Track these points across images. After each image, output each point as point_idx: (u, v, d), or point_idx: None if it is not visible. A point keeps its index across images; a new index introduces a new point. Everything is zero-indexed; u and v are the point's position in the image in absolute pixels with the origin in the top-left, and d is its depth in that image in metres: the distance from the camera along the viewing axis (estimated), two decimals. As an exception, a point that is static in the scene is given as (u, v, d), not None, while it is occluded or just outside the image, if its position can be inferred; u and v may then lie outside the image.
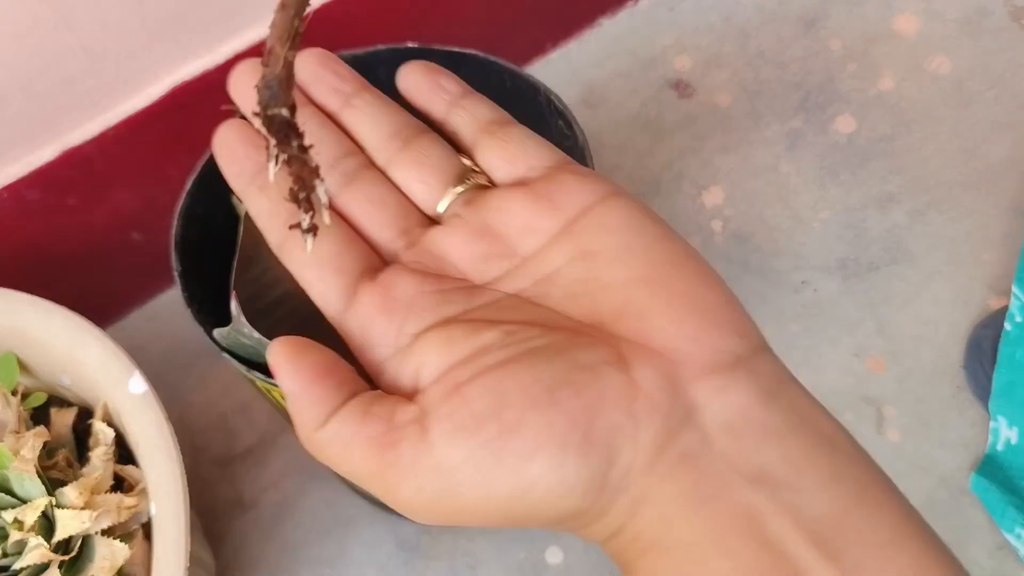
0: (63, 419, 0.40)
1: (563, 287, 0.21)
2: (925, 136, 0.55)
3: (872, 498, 0.18)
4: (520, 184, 0.24)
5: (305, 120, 0.26)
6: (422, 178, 0.25)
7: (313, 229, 0.19)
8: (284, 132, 0.18)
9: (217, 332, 0.35)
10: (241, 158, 0.26)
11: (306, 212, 0.19)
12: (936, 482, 0.46)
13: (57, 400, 0.41)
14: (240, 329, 0.35)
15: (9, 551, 0.35)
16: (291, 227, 0.19)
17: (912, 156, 0.54)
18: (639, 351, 0.19)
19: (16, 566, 0.35)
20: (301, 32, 0.19)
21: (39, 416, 0.40)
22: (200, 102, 0.44)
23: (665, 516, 0.18)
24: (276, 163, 0.19)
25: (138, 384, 0.37)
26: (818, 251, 0.52)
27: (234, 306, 0.37)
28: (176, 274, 0.36)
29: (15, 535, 0.35)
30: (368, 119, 0.26)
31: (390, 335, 0.22)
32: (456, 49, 0.40)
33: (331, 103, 0.26)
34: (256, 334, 0.35)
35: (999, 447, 0.46)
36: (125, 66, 0.42)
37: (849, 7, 0.58)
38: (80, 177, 0.44)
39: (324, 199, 0.19)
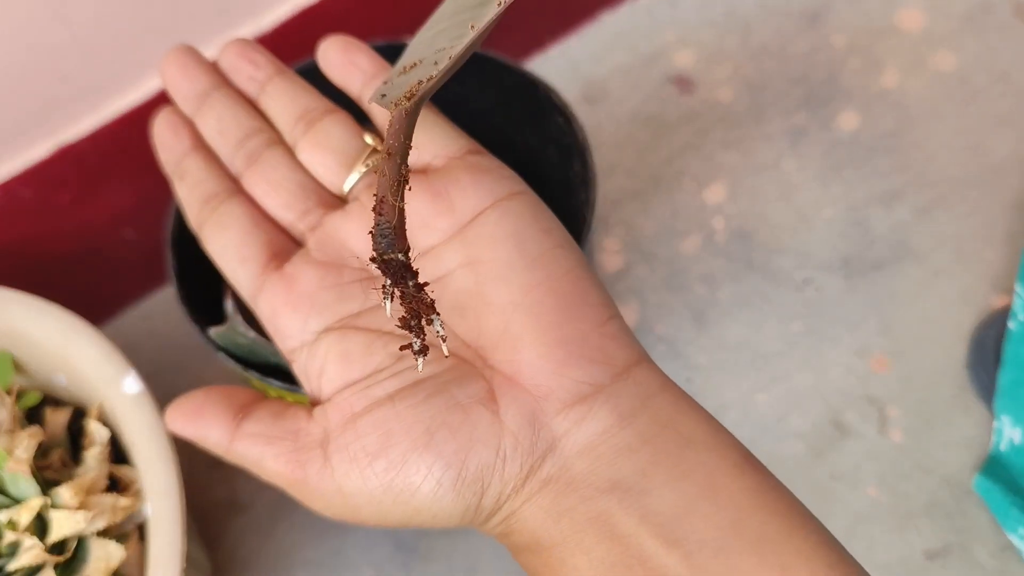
0: (58, 419, 0.39)
1: (452, 295, 0.23)
2: (929, 132, 0.54)
3: (721, 485, 0.20)
4: (423, 173, 0.25)
5: (218, 100, 0.27)
6: (323, 160, 0.26)
7: (424, 350, 0.21)
8: (400, 274, 0.20)
9: (212, 331, 0.35)
10: (167, 146, 0.27)
11: (417, 337, 0.20)
12: (939, 482, 0.46)
13: (51, 399, 0.41)
14: (235, 328, 0.35)
15: (3, 552, 0.35)
16: (402, 348, 0.21)
17: (916, 153, 0.54)
18: (507, 387, 0.22)
19: (10, 567, 0.34)
20: (408, 178, 0.20)
21: (33, 415, 0.40)
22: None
23: (531, 528, 0.21)
24: (391, 299, 0.20)
25: (133, 384, 0.36)
26: (821, 249, 0.51)
27: (229, 304, 0.37)
28: (171, 272, 0.36)
29: (9, 536, 0.35)
30: (278, 103, 0.27)
31: (296, 328, 0.24)
32: (455, 44, 0.40)
33: (249, 90, 0.27)
34: (252, 332, 0.35)
35: (1002, 447, 0.46)
36: (120, 61, 0.41)
37: (852, 2, 0.58)
38: (74, 174, 0.43)
39: (442, 331, 0.20)
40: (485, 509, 0.22)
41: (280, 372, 0.35)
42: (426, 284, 0.20)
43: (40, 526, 0.35)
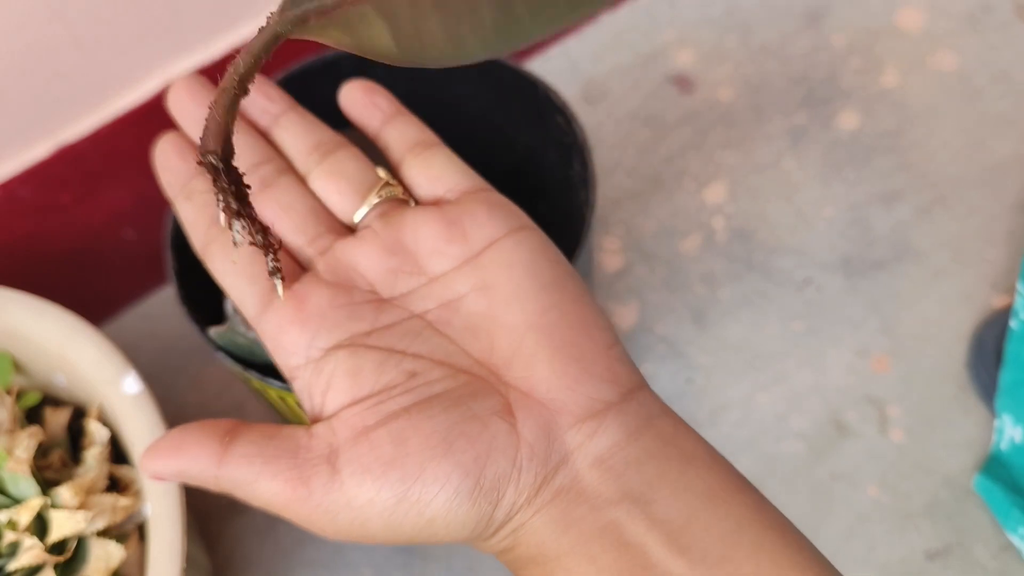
0: (57, 419, 0.39)
1: (464, 317, 0.24)
2: (930, 132, 0.54)
3: (720, 499, 0.21)
4: (436, 204, 0.26)
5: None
6: (338, 188, 0.27)
7: (277, 271, 0.21)
8: (215, 172, 0.21)
9: (212, 331, 0.35)
10: (173, 168, 0.28)
11: (267, 253, 0.21)
12: (940, 482, 0.46)
13: (51, 399, 0.41)
14: (235, 328, 0.35)
15: (3, 552, 0.35)
16: (270, 273, 0.22)
17: (917, 152, 0.54)
18: (524, 401, 0.22)
19: (10, 567, 0.34)
20: (248, 89, 0.21)
21: (33, 415, 0.40)
22: (196, 98, 0.43)
23: (540, 539, 0.22)
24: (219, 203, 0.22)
25: (132, 384, 0.36)
26: (821, 249, 0.51)
27: (229, 304, 0.37)
28: (171, 272, 0.36)
29: (9, 536, 0.35)
30: (291, 134, 0.28)
31: (301, 345, 0.24)
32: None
33: (262, 121, 0.28)
34: (251, 333, 0.35)
35: (1003, 446, 0.46)
36: (119, 61, 0.41)
37: (852, 2, 0.58)
38: (74, 174, 0.43)
39: (240, 235, 0.22)
40: (496, 520, 0.22)
41: (279, 372, 0.35)
42: (243, 174, 0.21)
43: (40, 526, 0.35)
